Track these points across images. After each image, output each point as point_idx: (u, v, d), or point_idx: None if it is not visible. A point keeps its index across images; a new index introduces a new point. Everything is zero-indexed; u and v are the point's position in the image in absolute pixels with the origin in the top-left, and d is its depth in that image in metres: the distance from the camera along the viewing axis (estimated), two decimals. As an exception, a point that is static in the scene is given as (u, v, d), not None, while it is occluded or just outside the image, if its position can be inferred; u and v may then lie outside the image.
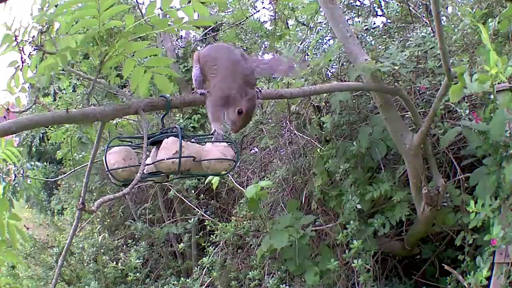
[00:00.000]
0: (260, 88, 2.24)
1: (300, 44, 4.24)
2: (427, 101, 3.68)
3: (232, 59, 2.09)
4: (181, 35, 5.75)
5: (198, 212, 4.94)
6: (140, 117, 1.91)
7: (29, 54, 1.88)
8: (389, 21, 4.45)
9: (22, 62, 1.87)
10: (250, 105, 2.00)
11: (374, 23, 4.14)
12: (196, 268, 4.70)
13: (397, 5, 4.40)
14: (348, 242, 3.68)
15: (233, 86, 2.01)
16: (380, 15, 4.57)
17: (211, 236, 4.59)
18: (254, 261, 4.25)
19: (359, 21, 4.24)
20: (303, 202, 4.17)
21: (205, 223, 4.74)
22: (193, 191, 5.00)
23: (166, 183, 4.95)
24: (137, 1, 4.98)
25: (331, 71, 4.03)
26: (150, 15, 1.80)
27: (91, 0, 1.71)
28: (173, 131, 1.92)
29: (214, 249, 4.58)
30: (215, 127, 2.03)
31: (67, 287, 5.69)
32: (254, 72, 2.16)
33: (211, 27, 5.57)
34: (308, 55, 4.25)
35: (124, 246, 5.30)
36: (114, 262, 5.02)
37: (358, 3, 4.52)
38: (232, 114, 2.00)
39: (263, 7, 5.41)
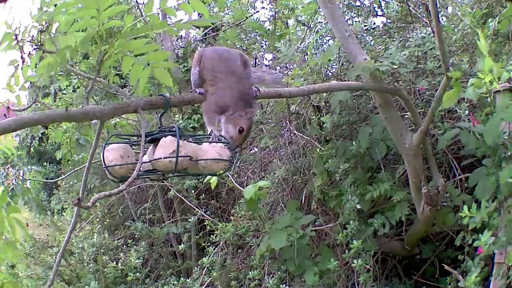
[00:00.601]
0: (259, 88, 2.25)
1: (300, 44, 4.25)
2: (426, 101, 3.68)
3: (232, 70, 2.12)
4: (181, 35, 5.75)
5: (198, 212, 4.93)
6: (139, 115, 1.91)
7: (29, 53, 1.89)
8: (389, 21, 4.45)
9: (22, 61, 1.88)
10: (250, 123, 2.09)
11: (374, 23, 4.14)
12: (196, 268, 4.69)
13: (397, 5, 4.40)
14: (348, 242, 3.67)
15: (230, 99, 2.06)
16: (380, 15, 4.58)
17: (211, 236, 4.58)
18: (254, 261, 4.24)
19: (359, 21, 4.25)
20: (303, 202, 4.17)
21: (205, 223, 4.74)
22: (193, 191, 4.99)
23: (166, 183, 4.95)
24: (136, 1, 4.99)
25: (331, 71, 4.03)
26: (148, 13, 1.80)
27: (91, 0, 1.71)
28: (172, 130, 1.92)
29: (214, 249, 4.57)
30: (211, 128, 2.08)
31: (67, 287, 5.68)
32: (253, 86, 2.20)
33: (211, 27, 5.58)
34: (307, 54, 4.25)
35: (124, 246, 5.29)
36: (114, 262, 5.01)
37: (358, 3, 4.52)
38: (232, 131, 2.07)
39: (263, 7, 5.42)
